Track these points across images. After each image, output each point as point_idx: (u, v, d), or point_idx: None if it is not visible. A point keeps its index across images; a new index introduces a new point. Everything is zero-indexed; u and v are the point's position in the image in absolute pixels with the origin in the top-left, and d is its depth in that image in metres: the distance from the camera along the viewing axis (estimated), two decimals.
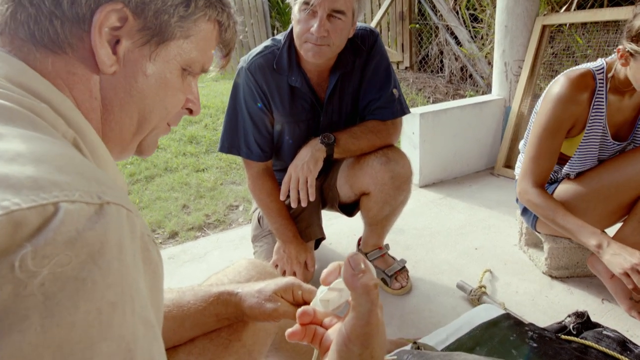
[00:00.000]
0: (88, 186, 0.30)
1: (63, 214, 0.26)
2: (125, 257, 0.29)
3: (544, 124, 1.28)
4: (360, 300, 0.39)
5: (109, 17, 0.41)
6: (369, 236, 1.50)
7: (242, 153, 1.32)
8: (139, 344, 0.29)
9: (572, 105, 1.24)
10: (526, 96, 2.50)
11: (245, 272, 0.79)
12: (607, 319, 1.28)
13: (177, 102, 0.52)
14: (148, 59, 0.45)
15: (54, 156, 0.31)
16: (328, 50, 1.15)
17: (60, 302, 0.25)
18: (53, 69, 0.42)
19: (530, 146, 1.33)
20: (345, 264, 0.40)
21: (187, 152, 3.13)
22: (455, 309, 1.37)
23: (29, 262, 0.24)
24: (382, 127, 1.31)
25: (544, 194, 1.30)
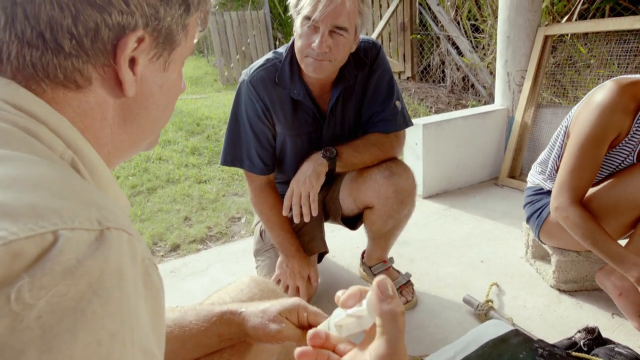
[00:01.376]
0: (88, 212, 0.29)
1: (62, 242, 0.26)
2: (126, 285, 0.28)
3: (588, 132, 1.18)
4: (388, 327, 0.38)
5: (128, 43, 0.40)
6: (373, 249, 1.48)
7: (244, 166, 1.30)
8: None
9: (621, 113, 1.15)
10: (529, 106, 2.49)
11: (247, 290, 0.77)
12: (618, 335, 1.25)
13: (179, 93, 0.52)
14: (162, 69, 0.45)
15: (52, 181, 0.30)
16: (329, 65, 1.15)
17: (58, 335, 0.24)
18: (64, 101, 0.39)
19: (570, 157, 1.22)
20: (373, 288, 0.39)
21: (190, 163, 3.13)
22: (462, 324, 1.34)
23: (25, 294, 0.23)
24: (385, 140, 1.30)
25: (585, 214, 1.20)
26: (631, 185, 1.22)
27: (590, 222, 1.20)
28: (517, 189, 2.41)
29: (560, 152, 1.35)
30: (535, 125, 2.51)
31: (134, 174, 2.94)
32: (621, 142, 1.22)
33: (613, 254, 1.16)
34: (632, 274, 1.13)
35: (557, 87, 2.89)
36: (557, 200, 1.25)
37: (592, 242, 1.19)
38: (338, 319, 0.46)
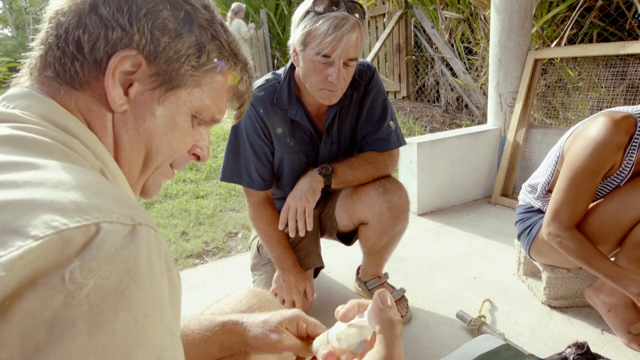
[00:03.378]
0: (122, 209, 0.33)
1: (104, 233, 0.30)
2: (155, 273, 0.33)
3: (583, 165, 1.21)
4: (387, 334, 0.42)
5: (124, 63, 0.45)
6: (368, 265, 1.50)
7: (243, 182, 1.34)
8: (167, 353, 0.32)
9: (615, 149, 1.19)
10: (521, 126, 2.56)
11: (246, 301, 0.80)
12: (607, 350, 1.28)
13: (184, 144, 0.54)
14: (157, 102, 0.48)
15: (91, 183, 0.35)
16: (341, 93, 1.22)
17: (103, 312, 0.28)
18: (75, 105, 0.46)
19: (564, 188, 1.25)
20: (374, 298, 0.44)
21: (187, 178, 3.16)
22: (455, 339, 1.36)
23: (77, 275, 0.27)
24: (379, 158, 1.34)
25: (578, 237, 1.24)
26: (615, 207, 1.25)
27: (584, 244, 1.23)
28: (510, 207, 2.46)
29: (550, 179, 1.39)
30: (527, 145, 2.57)
31: None
32: (613, 173, 1.27)
33: (609, 273, 1.19)
34: (630, 291, 1.16)
35: (547, 108, 2.98)
36: (550, 227, 1.27)
37: (588, 263, 1.22)
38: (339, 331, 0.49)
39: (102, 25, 0.44)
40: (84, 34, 0.44)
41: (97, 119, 0.47)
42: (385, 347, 0.41)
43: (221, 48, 0.51)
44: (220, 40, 0.51)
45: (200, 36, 0.49)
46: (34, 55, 0.47)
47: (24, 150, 0.35)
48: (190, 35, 0.48)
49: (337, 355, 0.51)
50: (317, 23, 1.09)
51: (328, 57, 1.11)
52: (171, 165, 0.57)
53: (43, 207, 0.29)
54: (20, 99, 0.43)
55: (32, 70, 0.47)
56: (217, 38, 0.51)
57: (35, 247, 0.27)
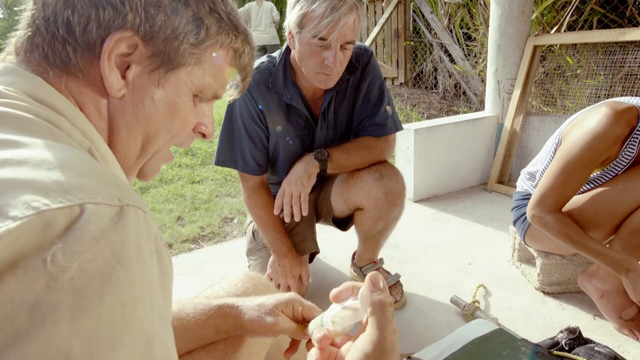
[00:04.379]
0: (108, 190, 0.32)
1: (88, 214, 0.29)
2: (144, 256, 0.31)
3: (578, 154, 1.19)
4: (378, 316, 0.41)
5: (119, 45, 0.43)
6: (363, 250, 1.51)
7: (238, 167, 1.33)
8: (157, 338, 0.31)
9: (613, 140, 1.17)
10: (518, 113, 2.55)
11: (241, 285, 0.80)
12: (598, 335, 1.29)
13: (185, 126, 0.52)
14: (157, 84, 0.46)
15: (76, 162, 0.33)
16: (337, 77, 1.20)
17: (88, 296, 0.27)
18: (66, 87, 0.43)
19: (555, 173, 1.24)
20: (366, 281, 0.43)
21: (183, 163, 3.14)
22: (449, 323, 1.37)
23: (59, 258, 0.26)
24: (375, 143, 1.33)
25: (562, 219, 1.24)
26: (611, 195, 1.25)
27: (568, 224, 1.24)
28: (506, 194, 2.46)
29: (548, 166, 1.39)
30: (524, 132, 2.57)
31: None
32: (609, 164, 1.26)
33: (594, 250, 1.20)
34: (619, 270, 1.17)
35: (545, 95, 2.97)
36: (534, 210, 1.28)
37: (572, 242, 1.23)
38: (333, 313, 0.49)
39: (92, 5, 0.42)
40: (74, 15, 0.42)
41: (90, 103, 0.45)
42: (377, 329, 0.41)
43: (220, 21, 0.48)
44: (218, 12, 0.48)
45: (198, 10, 0.46)
46: (19, 35, 0.44)
47: (5, 127, 0.34)
48: (187, 9, 0.46)
49: (331, 338, 0.50)
50: (313, 4, 1.06)
51: (325, 40, 1.09)
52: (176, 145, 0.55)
53: (24, 187, 0.28)
54: (4, 75, 0.41)
55: (18, 51, 0.44)
56: (215, 10, 0.48)
57: (15, 228, 0.26)
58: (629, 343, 1.26)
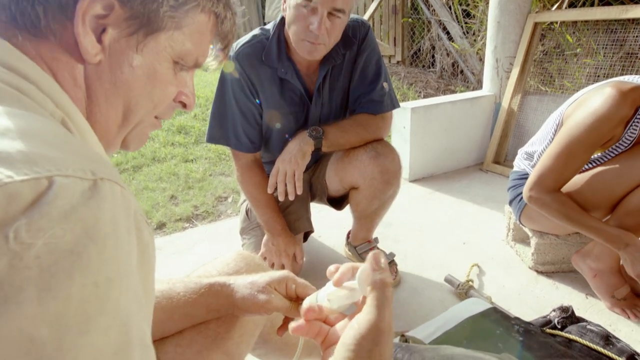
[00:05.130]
0: (81, 162, 0.29)
1: (57, 188, 0.26)
2: (120, 234, 0.29)
3: (580, 136, 1.16)
4: (378, 295, 0.40)
5: (94, 5, 0.39)
6: (358, 229, 1.50)
7: (230, 144, 1.30)
8: (134, 320, 0.29)
9: (617, 122, 1.14)
10: (516, 93, 2.52)
11: (233, 264, 0.78)
12: (590, 314, 1.30)
13: (166, 96, 0.49)
14: (135, 49, 0.43)
15: (45, 132, 0.31)
16: (324, 48, 1.14)
17: (56, 275, 0.25)
18: (37, 53, 0.40)
19: (555, 155, 1.21)
20: (368, 259, 0.42)
21: (176, 142, 3.09)
22: (442, 302, 1.38)
23: (23, 234, 0.24)
24: (371, 121, 1.30)
25: (561, 197, 1.23)
26: (610, 174, 1.24)
27: (566, 203, 1.23)
28: (501, 174, 2.45)
29: (547, 148, 1.37)
30: (522, 112, 2.54)
31: (119, 152, 2.90)
32: (612, 145, 1.24)
33: (593, 229, 1.20)
34: (618, 245, 1.17)
35: (544, 75, 2.92)
36: (533, 190, 1.26)
37: (570, 220, 1.22)
38: (330, 291, 0.48)
39: None
40: None
41: (64, 70, 0.41)
42: (375, 308, 0.40)
43: None
44: None
45: None
46: None
47: None
48: None
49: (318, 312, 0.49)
50: None
51: (310, 0, 1.05)
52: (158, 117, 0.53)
53: None
54: None
55: None
56: None
57: None
58: (621, 321, 1.27)
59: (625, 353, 1.03)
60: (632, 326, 1.25)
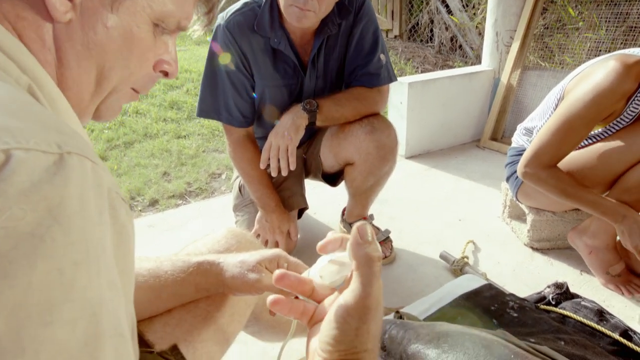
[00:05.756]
0: (46, 134, 0.26)
1: (15, 163, 0.23)
2: (90, 214, 0.27)
3: (581, 111, 1.12)
4: (363, 271, 0.37)
5: None
6: (353, 206, 1.47)
7: (222, 118, 1.25)
8: (105, 308, 0.27)
9: (620, 96, 1.10)
10: (516, 68, 2.46)
11: (224, 241, 0.76)
12: (585, 290, 1.31)
13: (143, 62, 0.45)
14: (109, 8, 0.39)
15: (4, 100, 0.27)
16: (313, 16, 1.08)
17: (15, 261, 0.22)
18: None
19: (554, 130, 1.18)
20: (352, 232, 0.38)
21: (168, 117, 3.03)
22: (437, 279, 1.37)
23: None
24: (367, 94, 1.26)
25: (557, 173, 1.20)
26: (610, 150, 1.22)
27: (562, 178, 1.21)
28: (498, 151, 2.43)
29: None
30: (521, 87, 2.49)
31: (110, 127, 2.83)
32: (612, 121, 1.20)
33: (590, 202, 1.18)
34: (615, 218, 1.16)
35: (544, 50, 2.86)
36: (529, 166, 1.23)
37: (567, 195, 1.20)
38: (321, 266, 0.45)
39: None
40: None
41: (30, 29, 0.37)
42: (361, 285, 0.36)
43: None
44: None
45: None
46: None
47: None
48: None
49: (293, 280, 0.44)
50: None
51: None
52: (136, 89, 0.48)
53: None
54: None
55: None
56: None
57: None
58: (614, 297, 1.27)
59: (618, 329, 1.03)
60: (625, 302, 1.25)
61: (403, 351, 0.81)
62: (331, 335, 0.36)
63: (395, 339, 0.83)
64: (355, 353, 0.36)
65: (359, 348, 0.36)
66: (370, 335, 0.36)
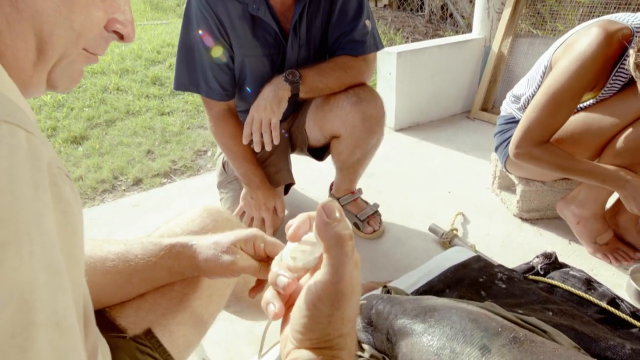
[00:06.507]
0: None
1: None
2: (21, 188, 0.24)
3: (566, 84, 1.09)
4: (333, 253, 0.33)
5: None
6: (341, 181, 1.44)
7: (201, 91, 1.19)
8: (39, 294, 0.23)
9: (602, 63, 1.06)
10: (507, 35, 2.40)
11: (199, 220, 0.72)
12: (573, 259, 1.30)
13: (90, 22, 0.40)
14: None
15: None
16: None
17: None
18: None
19: (541, 107, 1.14)
20: (318, 211, 0.34)
21: (151, 94, 2.93)
22: (426, 251, 1.36)
23: None
24: (353, 63, 1.20)
25: (550, 147, 1.17)
26: (600, 114, 1.19)
27: (556, 153, 1.17)
28: (489, 122, 2.39)
29: (536, 92, 1.30)
30: (512, 56, 2.43)
31: (90, 105, 2.74)
32: (600, 92, 1.17)
33: (589, 172, 1.15)
34: (618, 183, 1.13)
35: (535, 17, 2.78)
36: (520, 147, 1.19)
37: (563, 170, 1.17)
38: (292, 248, 0.41)
39: None
40: None
41: None
42: (332, 267, 0.33)
43: None
44: None
45: None
46: None
47: None
48: None
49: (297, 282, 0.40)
50: None
51: None
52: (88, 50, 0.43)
53: None
54: None
55: None
56: None
57: None
58: (602, 266, 1.27)
59: (606, 297, 1.03)
60: (613, 270, 1.25)
61: (390, 326, 0.79)
62: (301, 323, 0.33)
63: (382, 313, 0.81)
64: (328, 341, 0.33)
65: (333, 335, 0.33)
66: (345, 320, 0.33)
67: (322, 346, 0.33)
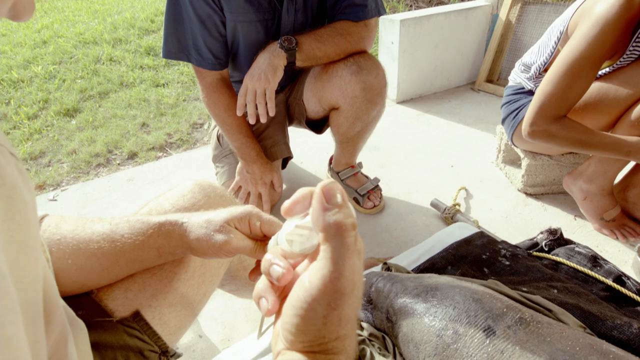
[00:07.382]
0: None
1: None
2: None
3: (584, 52, 1.02)
4: (332, 244, 0.28)
5: None
6: (341, 154, 1.39)
7: (192, 59, 1.13)
8: None
9: (624, 28, 0.99)
10: (515, 3, 2.29)
11: (190, 196, 0.67)
12: (578, 235, 1.27)
13: None
14: None
15: None
16: None
17: None
18: None
19: (557, 78, 1.07)
20: (316, 195, 0.29)
21: (145, 65, 2.84)
22: (428, 227, 1.33)
23: None
24: (353, 29, 1.13)
25: (568, 122, 1.10)
26: (618, 81, 1.12)
27: (575, 128, 1.10)
28: (494, 94, 2.32)
29: (549, 59, 1.22)
30: (520, 24, 2.33)
31: (82, 77, 2.66)
32: (618, 59, 1.10)
33: (611, 145, 1.09)
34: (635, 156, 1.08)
35: None
36: (535, 124, 1.12)
37: (583, 146, 1.10)
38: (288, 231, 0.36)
39: None
40: None
41: None
42: (330, 262, 0.28)
43: None
44: None
45: None
46: None
47: None
48: None
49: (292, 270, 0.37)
50: None
51: None
52: None
53: None
54: None
55: None
56: None
57: None
58: (607, 242, 1.24)
59: (612, 274, 1.00)
60: (619, 246, 1.22)
61: (390, 305, 0.76)
62: (292, 323, 0.29)
63: (382, 292, 0.78)
64: (323, 344, 0.29)
65: (329, 337, 0.29)
66: (342, 321, 0.29)
67: (315, 350, 0.29)
